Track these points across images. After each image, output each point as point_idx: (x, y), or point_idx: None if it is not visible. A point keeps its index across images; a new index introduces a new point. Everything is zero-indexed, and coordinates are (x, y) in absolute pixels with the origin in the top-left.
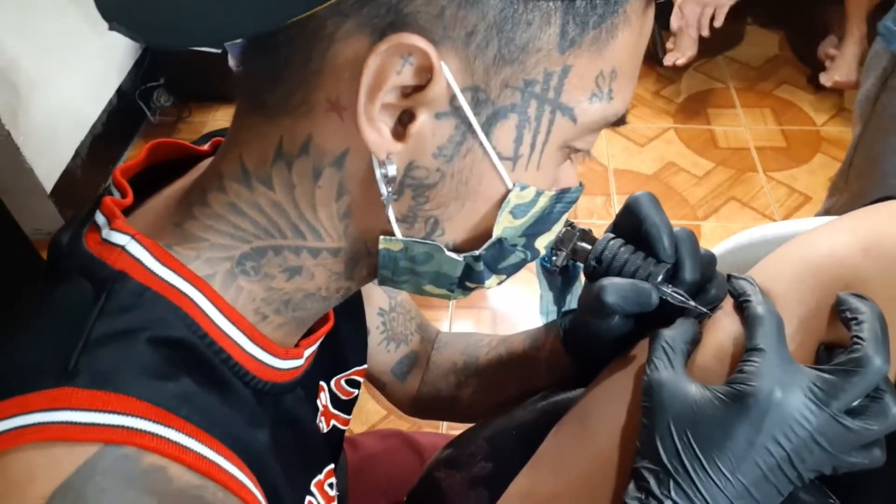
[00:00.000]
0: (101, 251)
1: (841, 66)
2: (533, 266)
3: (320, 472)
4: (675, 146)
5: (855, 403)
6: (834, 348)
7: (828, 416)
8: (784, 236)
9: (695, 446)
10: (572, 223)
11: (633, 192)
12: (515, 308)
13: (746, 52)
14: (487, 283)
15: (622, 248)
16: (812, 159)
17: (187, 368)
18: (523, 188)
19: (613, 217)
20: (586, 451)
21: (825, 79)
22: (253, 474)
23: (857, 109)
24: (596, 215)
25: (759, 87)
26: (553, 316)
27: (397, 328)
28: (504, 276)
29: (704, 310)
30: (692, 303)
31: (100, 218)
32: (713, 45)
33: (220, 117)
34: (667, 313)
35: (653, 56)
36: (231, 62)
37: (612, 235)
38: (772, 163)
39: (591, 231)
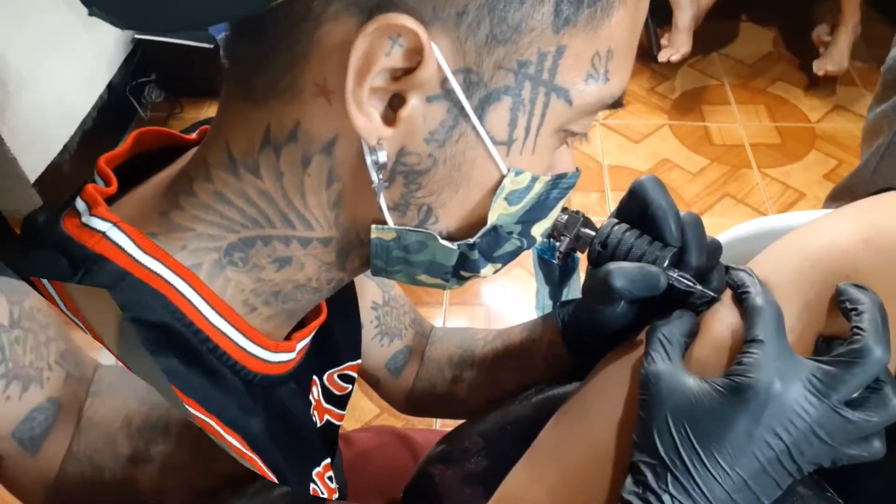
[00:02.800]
0: (79, 234)
1: (833, 54)
2: (526, 262)
3: (318, 466)
4: (670, 143)
5: (855, 395)
6: (833, 340)
7: (827, 407)
8: (782, 229)
9: (693, 439)
10: (576, 210)
11: (627, 188)
12: (510, 305)
13: (741, 49)
14: (483, 271)
15: (627, 233)
16: (806, 156)
17: (173, 350)
18: (518, 173)
19: (608, 214)
20: (583, 445)
21: (817, 67)
22: (255, 452)
23: (884, 118)
24: (590, 212)
25: (753, 83)
26: (549, 310)
27: (391, 322)
28: (500, 265)
29: (712, 293)
30: (699, 287)
31: (80, 204)
32: (708, 41)
33: (212, 113)
34: (669, 301)
35: (647, 52)
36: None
37: (616, 220)
38: (766, 159)
39: (591, 220)
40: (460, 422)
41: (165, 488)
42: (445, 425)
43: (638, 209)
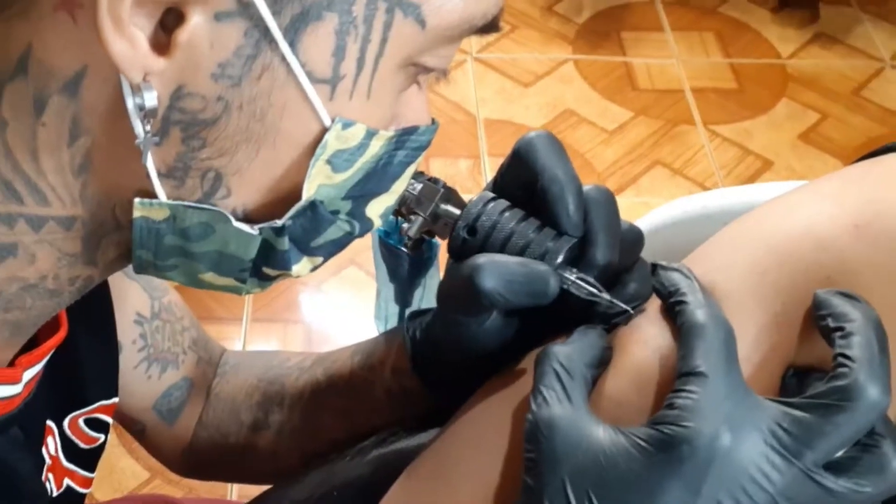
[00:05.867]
0: None
1: None
2: (364, 258)
3: None
4: (575, 87)
5: (839, 454)
6: (809, 373)
7: (798, 471)
8: (734, 209)
9: None
10: (435, 178)
11: None
12: (340, 322)
13: None
14: (295, 268)
15: (507, 214)
16: (774, 107)
17: None
18: (347, 126)
19: (483, 188)
20: None
21: None
22: None
23: None
24: (459, 186)
25: (697, 0)
26: (394, 321)
27: (163, 343)
28: (320, 259)
29: (623, 306)
30: (606, 296)
31: None
32: None
33: None
34: (566, 313)
35: None
36: None
37: (492, 195)
38: (716, 112)
39: (457, 192)
40: (265, 488)
41: (280, 451)
42: (245, 494)
43: (523, 180)
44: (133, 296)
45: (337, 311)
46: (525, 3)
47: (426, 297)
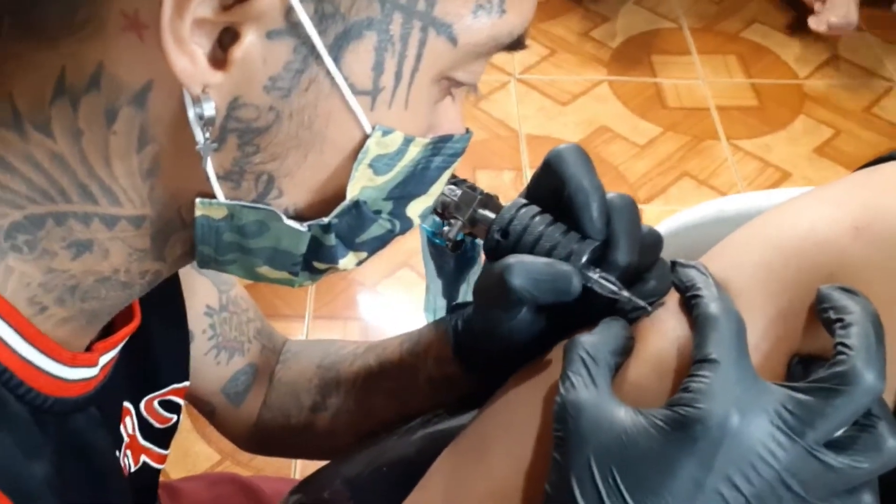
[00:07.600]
0: None
1: (838, 4)
2: (416, 261)
3: None
4: (610, 105)
5: (839, 433)
6: (812, 360)
7: (802, 449)
8: (747, 212)
9: (623, 490)
10: (473, 185)
11: None
12: (395, 319)
13: None
14: (342, 262)
15: (537, 218)
16: (792, 123)
17: None
18: (386, 133)
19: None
20: (480, 494)
21: (816, 22)
22: None
23: None
24: (503, 196)
25: (721, 26)
26: (442, 313)
27: (230, 333)
28: (364, 254)
29: (642, 303)
30: (626, 293)
31: None
32: None
33: None
34: (591, 309)
35: None
36: None
37: (524, 201)
38: (739, 127)
39: (497, 197)
40: (322, 464)
41: (336, 430)
42: (307, 472)
43: (552, 188)
44: (202, 290)
45: (391, 309)
46: (563, 30)
47: (469, 291)
